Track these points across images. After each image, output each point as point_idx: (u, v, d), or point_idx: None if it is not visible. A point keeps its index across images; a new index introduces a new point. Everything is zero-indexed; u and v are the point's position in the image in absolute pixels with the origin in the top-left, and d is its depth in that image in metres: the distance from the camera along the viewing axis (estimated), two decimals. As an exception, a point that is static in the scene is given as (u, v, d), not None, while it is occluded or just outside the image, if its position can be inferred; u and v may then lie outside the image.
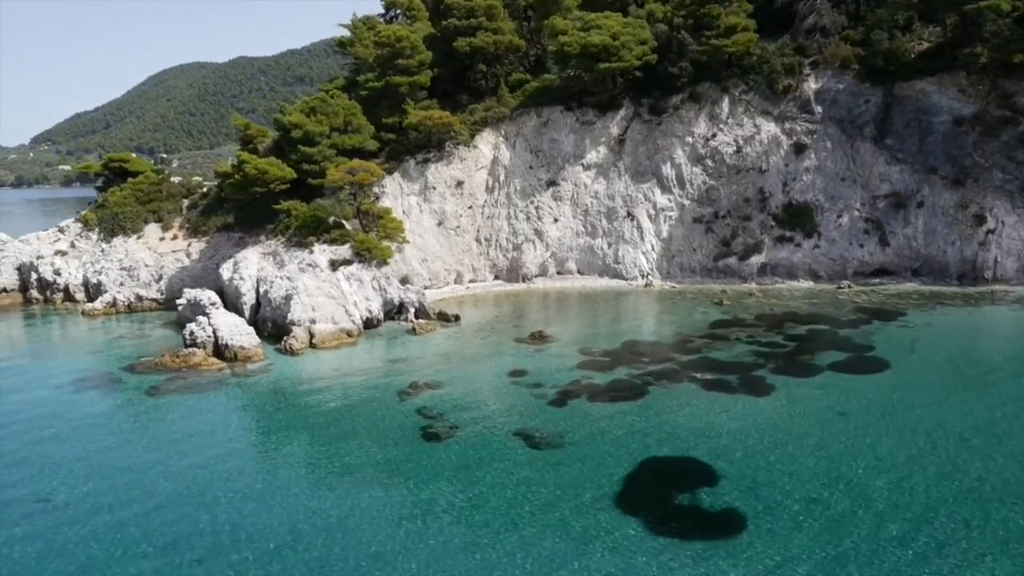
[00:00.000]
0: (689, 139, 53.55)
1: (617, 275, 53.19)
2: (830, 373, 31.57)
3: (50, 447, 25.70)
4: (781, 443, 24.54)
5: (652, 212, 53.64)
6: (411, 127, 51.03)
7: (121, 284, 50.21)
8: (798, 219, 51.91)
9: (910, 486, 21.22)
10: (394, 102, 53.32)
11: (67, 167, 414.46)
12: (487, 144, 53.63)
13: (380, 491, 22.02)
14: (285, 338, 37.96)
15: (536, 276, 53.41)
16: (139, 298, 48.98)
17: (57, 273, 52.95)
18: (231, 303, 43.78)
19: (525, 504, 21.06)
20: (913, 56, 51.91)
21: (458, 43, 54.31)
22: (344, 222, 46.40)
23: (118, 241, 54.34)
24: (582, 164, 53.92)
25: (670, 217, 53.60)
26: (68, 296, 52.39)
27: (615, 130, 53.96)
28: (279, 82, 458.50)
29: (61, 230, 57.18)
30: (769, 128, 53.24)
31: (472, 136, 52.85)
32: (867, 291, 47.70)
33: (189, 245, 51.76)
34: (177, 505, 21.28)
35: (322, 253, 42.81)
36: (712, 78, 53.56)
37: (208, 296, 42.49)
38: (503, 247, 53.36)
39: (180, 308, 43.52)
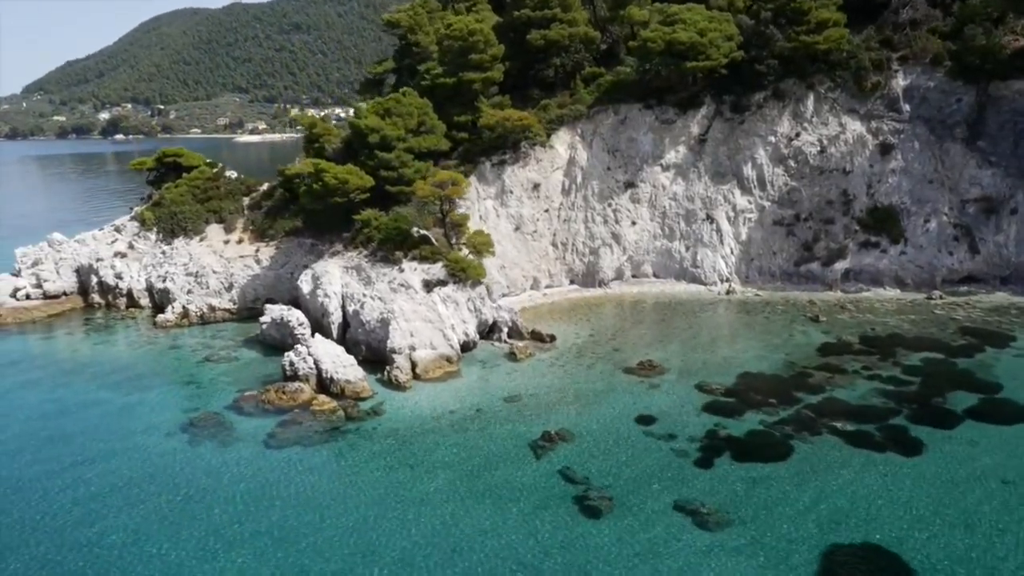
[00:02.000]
0: (772, 138, 51.59)
1: (695, 279, 51.87)
2: (971, 423, 30.60)
3: (189, 528, 24.67)
4: (960, 524, 23.68)
5: (731, 214, 52.02)
6: (487, 127, 48.89)
7: (189, 291, 48.67)
8: (884, 224, 50.38)
9: None
10: (466, 99, 51.02)
11: (62, 118, 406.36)
12: (563, 144, 51.57)
13: (570, 590, 21.18)
14: (388, 368, 36.76)
15: (612, 280, 52.03)
16: (211, 308, 47.51)
17: (119, 277, 51.38)
18: (313, 319, 42.45)
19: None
20: (1010, 53, 49.62)
21: (532, 36, 51.74)
22: (426, 232, 44.76)
23: (179, 243, 52.57)
24: (661, 164, 52.01)
25: (749, 219, 52.01)
26: (132, 301, 50.93)
27: (696, 129, 51.90)
28: (275, 30, 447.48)
29: (117, 229, 55.35)
30: (855, 127, 51.27)
31: (548, 136, 50.72)
32: (960, 303, 46.49)
33: (257, 250, 50.04)
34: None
35: (413, 272, 41.26)
36: (797, 74, 51.32)
37: (296, 317, 41.20)
38: (579, 251, 51.83)
39: (264, 326, 42.18)
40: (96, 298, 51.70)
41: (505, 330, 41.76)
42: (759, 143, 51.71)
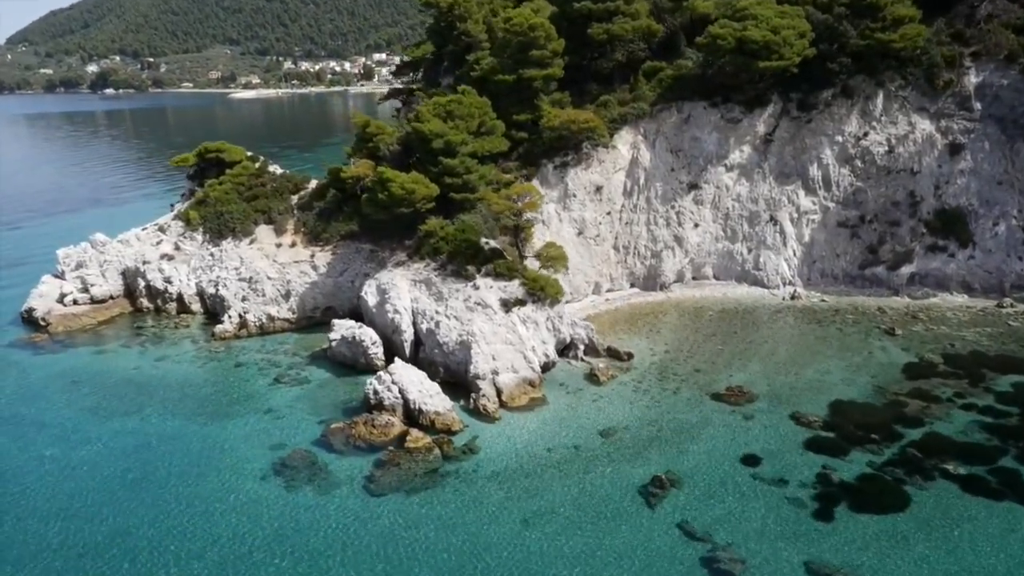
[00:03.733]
0: (839, 138, 50.14)
1: (757, 282, 50.98)
2: (1084, 464, 30.26)
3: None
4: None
5: (795, 215, 50.87)
6: (551, 130, 47.21)
7: (244, 299, 47.34)
8: (952, 226, 49.39)
9: None
10: (525, 97, 49.12)
11: (48, 71, 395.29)
12: (625, 144, 49.94)
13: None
14: (473, 396, 36.00)
15: (673, 283, 51.08)
16: (270, 318, 46.28)
17: (168, 281, 49.97)
18: (381, 334, 41.42)
19: None
20: (1089, 51, 48.03)
21: (594, 30, 49.60)
22: (497, 245, 43.51)
23: (228, 245, 51.00)
24: (725, 165, 50.56)
25: (812, 220, 50.90)
26: (182, 306, 49.64)
27: (762, 128, 50.31)
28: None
29: (161, 228, 53.64)
30: (924, 126, 49.87)
31: (610, 135, 49.03)
32: (1032, 312, 45.90)
33: (313, 256, 48.55)
34: None
35: (489, 290, 40.12)
36: (866, 71, 49.59)
37: (369, 336, 40.25)
38: (641, 254, 50.70)
39: (333, 343, 41.14)
40: (144, 302, 50.34)
41: (581, 347, 40.91)
42: (826, 142, 50.25)
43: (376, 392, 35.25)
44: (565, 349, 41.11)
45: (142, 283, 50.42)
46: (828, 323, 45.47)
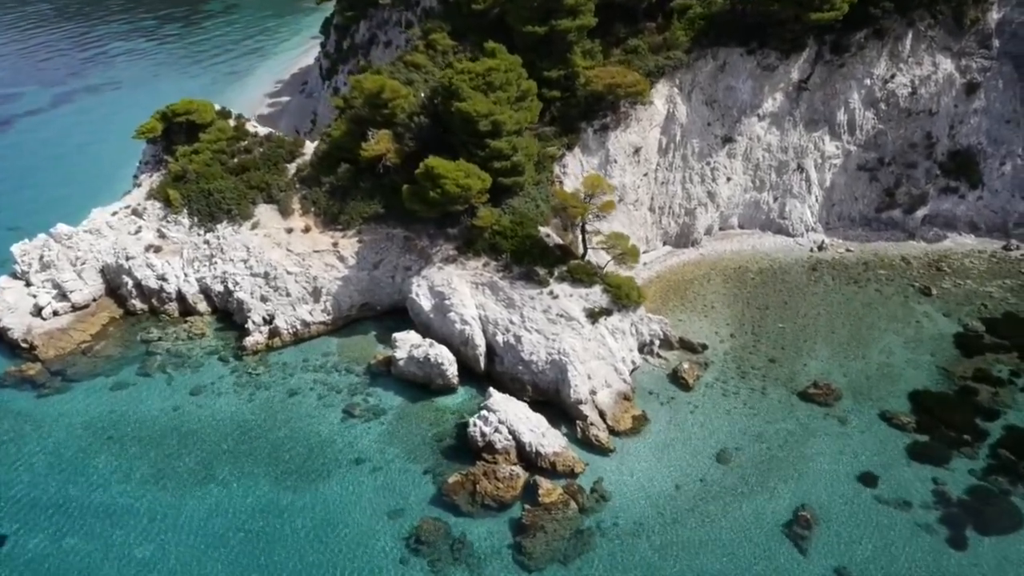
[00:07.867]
0: (867, 81, 48.99)
1: (781, 230, 51.19)
2: None
3: None
4: None
5: (819, 161, 50.40)
6: (594, 92, 43.06)
7: (264, 299, 42.45)
8: (964, 168, 50.73)
9: None
10: (557, 50, 44.10)
11: None
12: (661, 97, 46.48)
13: None
14: (580, 424, 34.97)
15: (703, 236, 50.34)
16: (304, 324, 41.91)
17: (162, 279, 43.74)
18: (445, 343, 38.80)
19: None
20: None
21: (628, -33, 44.17)
22: (552, 231, 40.69)
23: (225, 231, 44.76)
24: (758, 114, 48.53)
25: (834, 165, 50.71)
26: (185, 307, 43.97)
27: (796, 74, 48.08)
28: None
29: (136, 212, 46.06)
30: (946, 66, 49.43)
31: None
32: (1041, 255, 48.95)
33: (336, 244, 43.48)
34: None
35: (569, 298, 37.78)
36: (899, 9, 47.73)
37: (447, 357, 37.75)
38: (675, 213, 49.13)
39: (400, 362, 38.15)
40: (136, 304, 44.08)
41: (657, 342, 40.14)
42: (855, 86, 48.98)
43: (483, 434, 33.45)
44: (641, 347, 40.20)
45: (129, 282, 43.89)
46: (864, 282, 46.67)
